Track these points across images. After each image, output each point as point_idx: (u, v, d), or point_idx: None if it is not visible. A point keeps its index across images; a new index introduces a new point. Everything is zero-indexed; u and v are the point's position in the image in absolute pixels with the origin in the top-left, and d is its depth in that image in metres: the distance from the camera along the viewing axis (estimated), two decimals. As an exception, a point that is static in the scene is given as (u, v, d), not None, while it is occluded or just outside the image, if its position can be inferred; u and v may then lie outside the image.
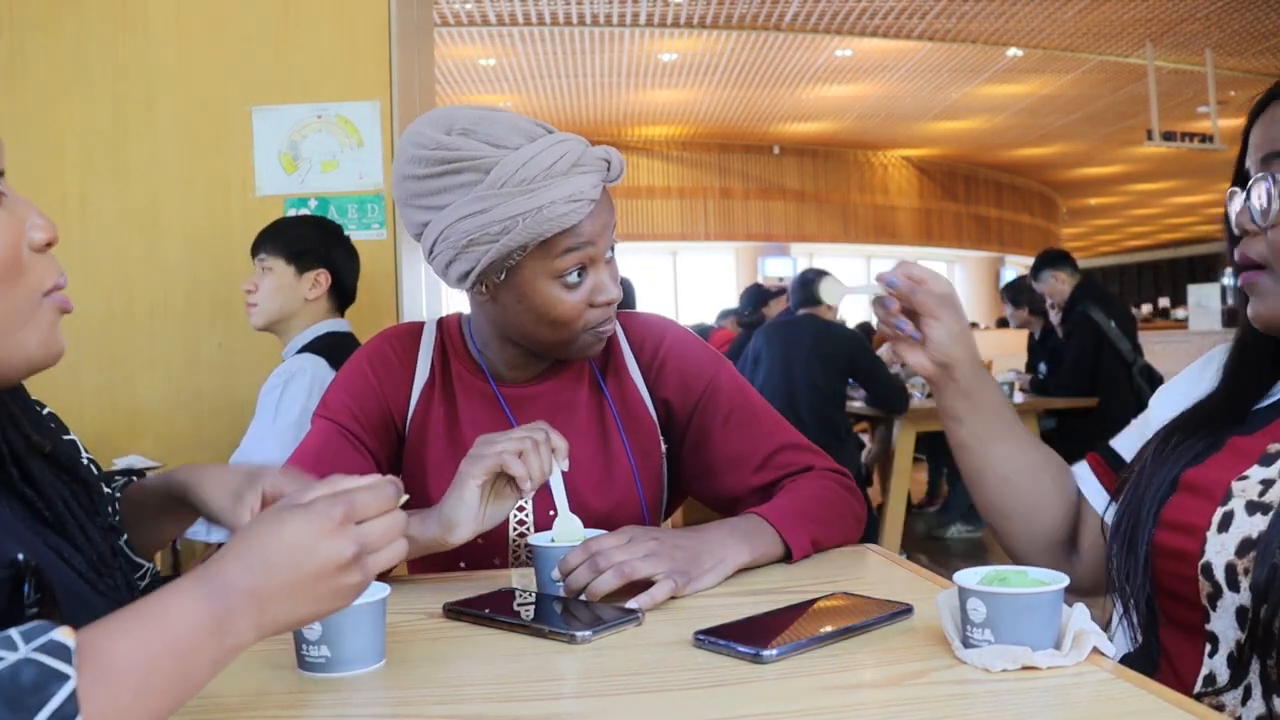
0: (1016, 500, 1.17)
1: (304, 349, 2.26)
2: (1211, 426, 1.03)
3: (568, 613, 0.98)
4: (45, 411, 0.97)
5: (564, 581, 1.04)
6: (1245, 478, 0.95)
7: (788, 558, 1.17)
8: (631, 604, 0.99)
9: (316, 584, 0.70)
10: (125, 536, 1.04)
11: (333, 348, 2.25)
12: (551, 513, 1.15)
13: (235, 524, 0.96)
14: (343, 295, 2.37)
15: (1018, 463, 1.17)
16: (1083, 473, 1.20)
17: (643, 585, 1.03)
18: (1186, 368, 1.18)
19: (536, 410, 1.33)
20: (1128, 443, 1.19)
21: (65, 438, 0.97)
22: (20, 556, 0.71)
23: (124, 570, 0.90)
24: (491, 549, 1.30)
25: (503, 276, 1.21)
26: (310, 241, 2.29)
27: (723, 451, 1.32)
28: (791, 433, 1.34)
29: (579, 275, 1.21)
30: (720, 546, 1.12)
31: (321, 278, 2.30)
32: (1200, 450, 1.01)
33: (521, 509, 1.30)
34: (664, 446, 1.37)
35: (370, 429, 1.31)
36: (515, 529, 1.31)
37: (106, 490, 1.03)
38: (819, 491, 1.27)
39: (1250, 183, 0.99)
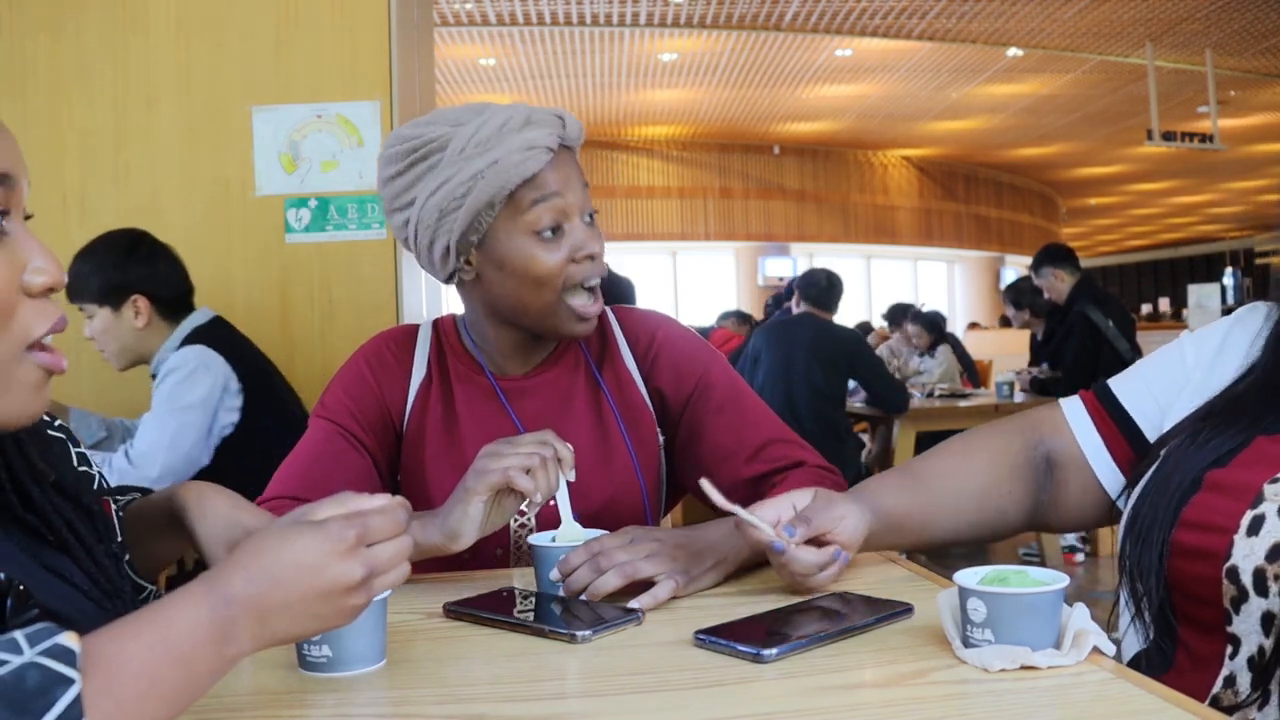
0: (985, 532, 1.17)
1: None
2: (1245, 422, 0.99)
3: (568, 613, 0.98)
4: (56, 423, 0.96)
5: (565, 581, 1.05)
6: (1277, 480, 0.92)
7: None
8: (633, 604, 0.99)
9: (321, 603, 0.70)
10: (128, 557, 1.02)
11: (204, 337, 2.20)
12: (552, 502, 1.16)
13: None
14: (173, 301, 2.25)
15: (963, 519, 1.14)
16: (1076, 414, 1.16)
17: (644, 585, 1.03)
18: (1214, 329, 1.12)
19: (534, 403, 1.34)
20: (1129, 389, 1.14)
21: (76, 450, 0.96)
22: (1, 575, 0.70)
23: (131, 592, 0.90)
24: (493, 539, 1.30)
25: (480, 244, 1.24)
26: (106, 274, 2.17)
27: (715, 443, 1.33)
28: (781, 426, 1.35)
29: (554, 232, 1.22)
30: (721, 544, 1.12)
31: (139, 303, 2.19)
32: (1227, 450, 0.98)
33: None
34: (661, 437, 1.38)
35: (369, 428, 1.32)
36: (516, 518, 1.31)
37: (115, 503, 1.02)
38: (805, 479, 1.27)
39: None
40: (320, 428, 1.31)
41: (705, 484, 1.03)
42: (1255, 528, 0.91)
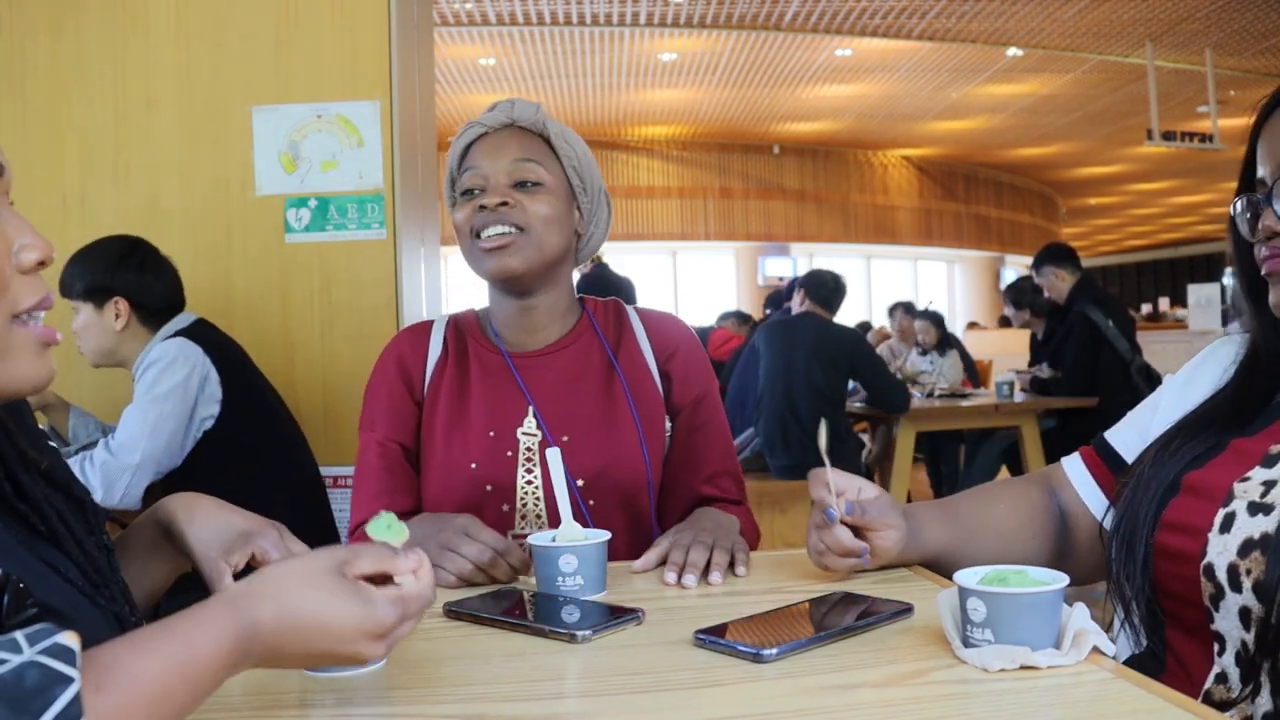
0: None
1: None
2: (1215, 429, 1.02)
3: (568, 613, 0.98)
4: (45, 426, 0.96)
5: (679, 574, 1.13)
6: (1247, 479, 0.95)
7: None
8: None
9: (333, 659, 0.73)
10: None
11: (184, 335, 2.22)
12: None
13: (212, 582, 0.92)
14: (157, 311, 2.26)
15: (996, 550, 1.17)
16: (1075, 468, 1.21)
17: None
18: (1189, 362, 1.18)
19: (545, 375, 1.43)
20: (1123, 436, 1.19)
21: (66, 460, 0.97)
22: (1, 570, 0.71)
23: (121, 584, 0.89)
24: (497, 495, 1.38)
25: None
26: (94, 275, 2.19)
27: (686, 454, 1.44)
28: (736, 463, 1.49)
29: (471, 193, 1.40)
30: (730, 526, 1.30)
31: (120, 306, 2.21)
32: (1201, 452, 1.01)
33: (530, 465, 1.38)
34: (669, 423, 1.46)
35: (405, 424, 1.43)
36: (524, 475, 1.37)
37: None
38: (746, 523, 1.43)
39: (1274, 189, 0.99)
40: (373, 446, 1.42)
41: (824, 423, 1.16)
42: (1227, 525, 0.93)
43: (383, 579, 0.76)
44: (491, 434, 1.39)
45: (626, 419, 1.40)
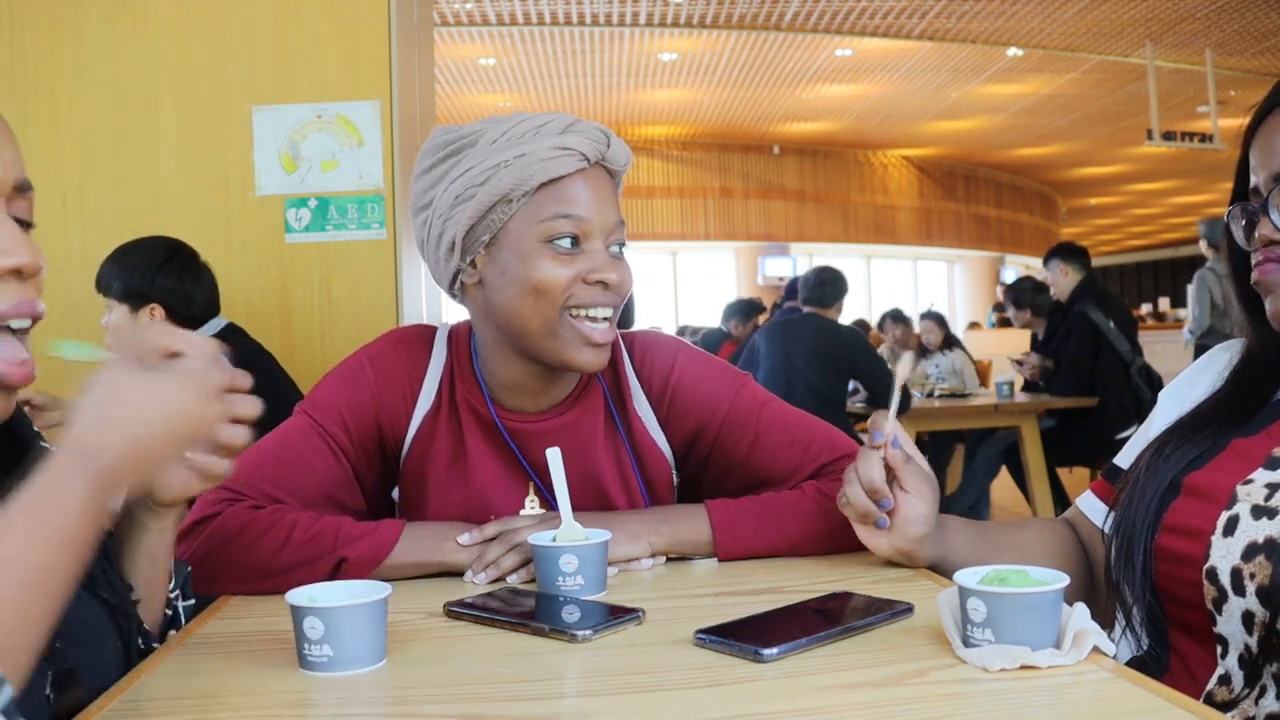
0: None
1: None
2: (1213, 429, 1.02)
3: (568, 612, 0.98)
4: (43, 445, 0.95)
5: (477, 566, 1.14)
6: (1250, 481, 0.94)
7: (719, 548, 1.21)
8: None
9: (183, 434, 0.77)
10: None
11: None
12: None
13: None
14: (191, 319, 2.25)
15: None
16: (1087, 501, 1.20)
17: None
18: (1185, 370, 1.18)
19: (545, 447, 1.23)
20: (1125, 452, 1.18)
21: None
22: None
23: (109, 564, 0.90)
24: (509, 475, 1.29)
25: (489, 245, 1.15)
26: (134, 277, 2.19)
27: (765, 468, 1.27)
28: (829, 437, 1.31)
29: (572, 245, 1.13)
30: (639, 522, 1.19)
31: (155, 311, 2.21)
32: (1201, 453, 1.00)
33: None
34: (675, 480, 1.33)
35: (355, 439, 1.24)
36: (530, 507, 1.30)
37: None
38: (796, 499, 1.23)
39: (1269, 198, 0.98)
40: (303, 426, 1.23)
41: (906, 356, 1.13)
42: (1230, 528, 0.92)
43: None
44: (492, 517, 1.23)
45: (635, 494, 1.28)
